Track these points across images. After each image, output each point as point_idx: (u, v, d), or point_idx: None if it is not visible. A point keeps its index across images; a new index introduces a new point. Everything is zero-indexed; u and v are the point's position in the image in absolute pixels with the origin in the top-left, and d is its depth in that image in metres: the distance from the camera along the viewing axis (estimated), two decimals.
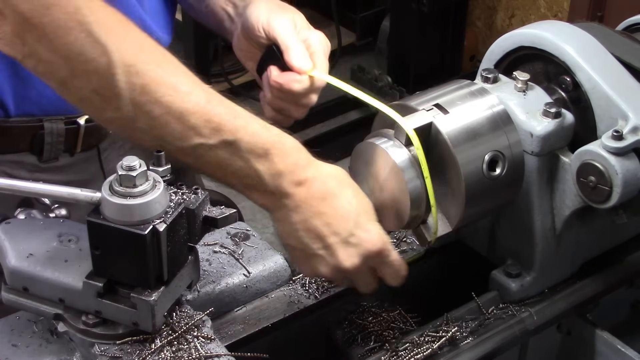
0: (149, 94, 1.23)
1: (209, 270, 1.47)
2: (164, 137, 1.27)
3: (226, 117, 1.27)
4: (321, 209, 1.31)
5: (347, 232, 1.32)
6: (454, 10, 4.59)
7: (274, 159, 1.28)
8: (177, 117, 1.25)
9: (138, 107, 1.24)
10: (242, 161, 1.28)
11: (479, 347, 1.46)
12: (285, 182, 1.29)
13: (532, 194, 1.45)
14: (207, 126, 1.26)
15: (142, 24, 1.66)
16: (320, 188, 1.31)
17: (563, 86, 1.47)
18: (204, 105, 1.26)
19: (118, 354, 1.26)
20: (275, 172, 1.29)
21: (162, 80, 1.24)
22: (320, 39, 1.55)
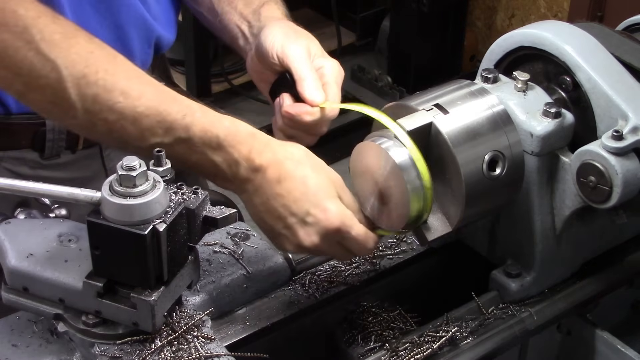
0: (101, 103, 1.32)
1: (209, 270, 1.47)
2: (122, 139, 1.35)
3: (178, 116, 1.34)
4: (278, 191, 1.36)
5: (303, 212, 1.36)
6: (454, 10, 4.60)
7: (228, 150, 1.35)
8: (131, 122, 1.33)
9: (93, 115, 1.33)
10: (198, 154, 1.36)
11: (479, 347, 1.46)
12: (242, 170, 1.36)
13: (532, 194, 1.45)
14: (160, 127, 1.33)
15: (145, 23, 1.67)
16: (275, 171, 1.36)
17: (563, 86, 1.47)
18: (155, 107, 1.34)
19: (118, 354, 1.26)
20: (231, 161, 1.36)
21: (112, 87, 1.32)
22: (334, 67, 1.55)
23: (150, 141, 1.34)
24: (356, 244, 1.39)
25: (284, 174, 1.37)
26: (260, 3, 1.66)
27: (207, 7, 1.74)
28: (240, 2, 1.68)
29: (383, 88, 4.73)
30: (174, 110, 1.34)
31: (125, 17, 1.63)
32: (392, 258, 1.60)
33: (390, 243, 1.62)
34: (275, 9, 1.65)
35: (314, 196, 1.37)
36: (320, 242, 1.38)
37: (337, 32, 4.83)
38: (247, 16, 1.66)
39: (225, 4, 1.70)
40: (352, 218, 1.38)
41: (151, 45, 1.71)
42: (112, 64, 1.34)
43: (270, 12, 1.64)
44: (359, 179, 1.41)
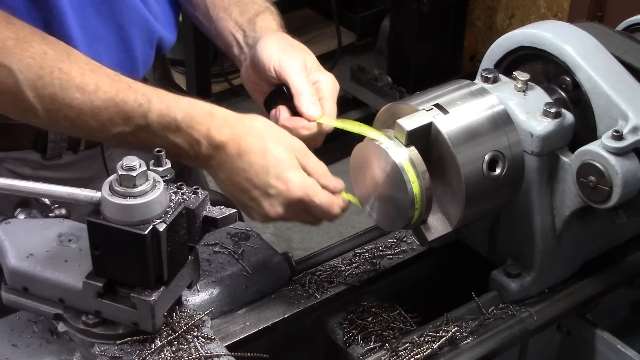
0: (59, 102, 1.38)
1: (209, 270, 1.47)
2: (86, 132, 1.44)
3: (135, 105, 1.39)
4: (239, 165, 1.41)
5: (265, 184, 1.41)
6: (454, 10, 4.60)
7: (187, 131, 1.40)
8: (90, 116, 1.39)
9: (53, 114, 1.38)
10: (160, 138, 1.41)
11: (479, 347, 1.46)
12: (203, 148, 1.41)
13: (532, 194, 1.45)
14: (119, 117, 1.39)
15: (146, 24, 1.67)
16: (235, 147, 1.41)
17: (563, 86, 1.47)
18: (112, 99, 1.39)
19: (118, 354, 1.26)
20: (192, 142, 1.41)
21: (68, 85, 1.37)
22: (330, 82, 1.56)
23: (112, 132, 1.40)
24: (321, 211, 1.43)
25: (243, 148, 1.40)
26: (256, 12, 1.67)
27: (202, 12, 1.75)
28: (236, 9, 1.69)
29: (383, 88, 4.73)
30: (131, 99, 1.39)
31: (127, 18, 1.63)
32: (392, 258, 1.60)
33: (390, 243, 1.62)
34: (270, 20, 1.66)
35: (274, 168, 1.40)
36: (285, 212, 1.42)
37: (337, 32, 4.83)
38: (242, 25, 1.66)
39: (220, 10, 1.71)
40: (314, 187, 1.41)
41: (153, 46, 1.71)
42: (66, 63, 1.38)
43: (266, 22, 1.65)
44: (359, 179, 1.42)
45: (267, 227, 4.05)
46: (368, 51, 5.12)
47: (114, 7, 1.61)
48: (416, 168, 1.33)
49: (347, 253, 1.60)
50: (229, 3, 1.70)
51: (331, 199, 1.43)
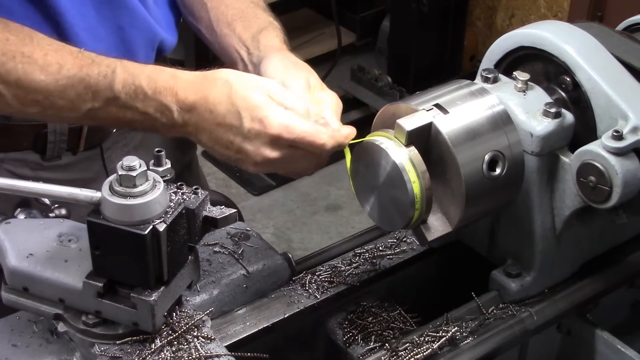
0: (25, 87, 1.39)
1: (209, 270, 1.47)
2: (57, 113, 1.42)
3: (100, 77, 1.39)
4: (213, 120, 1.39)
5: (241, 129, 1.38)
6: (454, 10, 4.60)
7: (155, 97, 1.39)
8: (58, 96, 1.39)
9: (22, 99, 1.39)
10: (130, 110, 1.40)
11: (479, 347, 1.46)
12: (175, 114, 1.39)
13: (532, 194, 1.45)
14: (86, 92, 1.39)
15: (147, 26, 1.67)
16: (204, 104, 1.39)
17: (563, 86, 1.47)
18: (76, 75, 1.39)
19: (118, 354, 1.26)
20: (162, 108, 1.39)
21: (31, 69, 1.38)
22: (334, 100, 1.52)
23: (82, 109, 1.40)
24: (307, 144, 1.38)
25: (212, 102, 1.39)
26: (259, 28, 1.65)
27: (205, 25, 1.74)
28: (239, 25, 1.68)
29: (383, 88, 4.73)
30: (95, 72, 1.39)
31: (127, 20, 1.63)
32: (392, 258, 1.60)
33: (390, 243, 1.62)
34: (273, 37, 1.64)
35: (245, 111, 1.38)
36: (271, 154, 1.39)
37: (337, 32, 4.82)
38: (245, 41, 1.65)
39: (224, 25, 1.70)
40: (292, 117, 1.39)
41: (154, 48, 1.71)
42: (28, 46, 1.39)
43: (269, 40, 1.63)
44: (359, 179, 1.41)
45: (267, 227, 4.05)
46: (368, 51, 5.12)
47: (114, 8, 1.61)
48: (416, 168, 1.33)
49: (347, 253, 1.60)
50: (232, 18, 1.69)
51: (315, 127, 1.39)
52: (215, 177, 4.27)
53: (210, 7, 1.72)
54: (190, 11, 1.77)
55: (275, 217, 4.13)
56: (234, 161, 1.44)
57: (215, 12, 1.72)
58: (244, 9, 1.70)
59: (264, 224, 4.07)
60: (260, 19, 1.69)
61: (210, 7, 1.72)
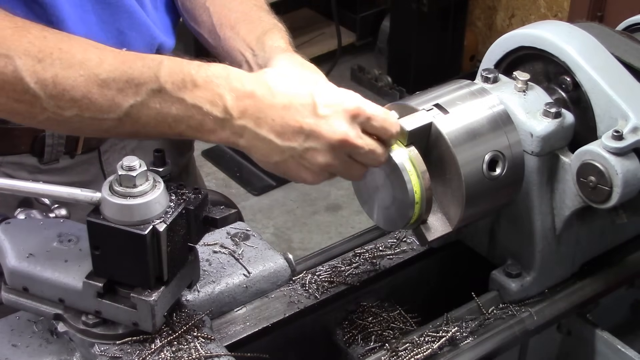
0: (63, 83, 1.27)
1: (209, 270, 1.47)
2: (96, 116, 1.29)
3: (144, 69, 1.28)
4: (279, 106, 1.27)
5: (316, 109, 1.28)
6: (454, 10, 4.60)
7: (207, 86, 1.27)
8: (98, 93, 1.27)
9: (58, 100, 1.28)
10: (177, 103, 1.28)
11: (479, 347, 1.46)
12: (229, 102, 1.27)
13: (532, 194, 1.45)
14: (128, 86, 1.27)
15: (146, 29, 1.66)
16: (266, 90, 1.28)
17: (563, 86, 1.47)
18: (118, 68, 1.28)
19: (118, 354, 1.26)
20: (214, 97, 1.27)
21: (69, 63, 1.27)
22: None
23: (123, 106, 1.28)
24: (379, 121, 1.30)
25: (275, 87, 1.28)
26: (264, 30, 1.62)
27: (208, 29, 1.72)
28: (243, 27, 1.65)
29: (383, 88, 4.73)
30: (138, 65, 1.29)
31: (127, 23, 1.62)
32: (392, 258, 1.60)
33: (390, 243, 1.62)
34: (278, 38, 1.60)
35: (316, 88, 1.29)
36: (349, 127, 1.27)
37: (337, 32, 4.83)
38: (250, 43, 1.62)
39: (227, 28, 1.67)
40: (364, 99, 1.31)
41: (153, 51, 1.70)
42: (66, 43, 1.30)
43: (275, 41, 1.59)
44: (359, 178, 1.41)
45: (267, 227, 4.05)
46: (368, 51, 5.12)
47: (114, 12, 1.61)
48: (416, 168, 1.33)
49: (347, 253, 1.60)
50: (235, 21, 1.67)
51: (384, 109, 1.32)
52: (215, 177, 4.27)
53: (213, 11, 1.70)
54: (191, 16, 1.76)
55: (275, 217, 4.13)
56: (300, 155, 1.29)
57: (218, 16, 1.70)
58: (248, 12, 1.68)
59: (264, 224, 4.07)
60: (265, 21, 1.67)
61: (213, 11, 1.70)
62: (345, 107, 1.28)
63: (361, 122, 1.29)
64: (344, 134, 1.27)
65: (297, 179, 1.34)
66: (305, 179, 1.33)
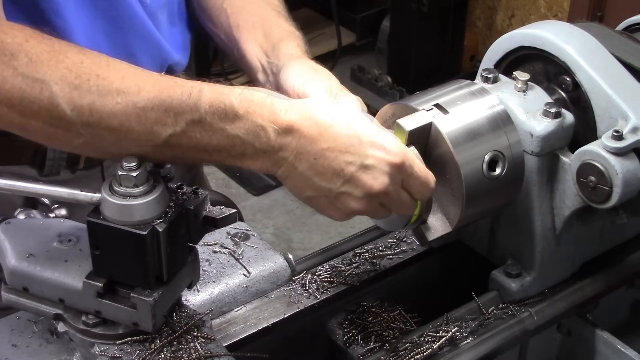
0: (100, 111, 1.23)
1: (209, 270, 1.47)
2: (134, 143, 1.26)
3: (184, 97, 1.24)
4: (322, 145, 1.25)
5: (361, 156, 1.26)
6: (454, 10, 4.60)
7: (248, 117, 1.24)
8: (136, 122, 1.24)
9: (95, 127, 1.24)
10: (217, 134, 1.25)
11: (479, 347, 1.46)
12: (271, 135, 1.25)
13: (532, 194, 1.45)
14: (168, 115, 1.24)
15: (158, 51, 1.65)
16: (311, 126, 1.25)
17: (563, 86, 1.47)
18: (157, 97, 1.24)
19: (118, 354, 1.26)
20: (255, 129, 1.24)
21: (107, 91, 1.23)
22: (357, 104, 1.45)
23: (162, 135, 1.24)
24: (419, 181, 1.30)
25: (321, 124, 1.25)
26: (280, 37, 1.61)
27: (225, 31, 1.70)
28: (260, 32, 1.64)
29: (383, 88, 4.73)
30: (177, 93, 1.24)
31: (138, 44, 1.60)
32: (392, 258, 1.60)
33: (390, 243, 1.62)
34: (294, 46, 1.59)
35: (364, 137, 1.26)
36: (389, 182, 1.26)
37: (337, 32, 4.83)
38: (266, 49, 1.61)
39: (244, 31, 1.66)
40: (410, 152, 1.30)
41: (164, 71, 1.69)
42: (103, 69, 1.26)
43: (289, 49, 1.59)
44: None
45: (267, 227, 4.05)
46: (368, 51, 5.12)
47: (126, 35, 1.58)
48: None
49: (347, 253, 1.60)
50: (253, 26, 1.65)
51: (426, 169, 1.31)
52: (215, 177, 4.27)
53: (231, 12, 1.69)
54: (208, 16, 1.74)
55: (275, 217, 4.13)
56: (333, 197, 1.29)
57: (235, 17, 1.68)
58: (266, 17, 1.67)
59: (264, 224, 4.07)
60: (282, 27, 1.65)
61: (231, 12, 1.69)
62: (391, 161, 1.26)
63: (402, 179, 1.29)
64: (384, 187, 1.27)
65: (324, 214, 1.33)
66: (332, 217, 1.33)
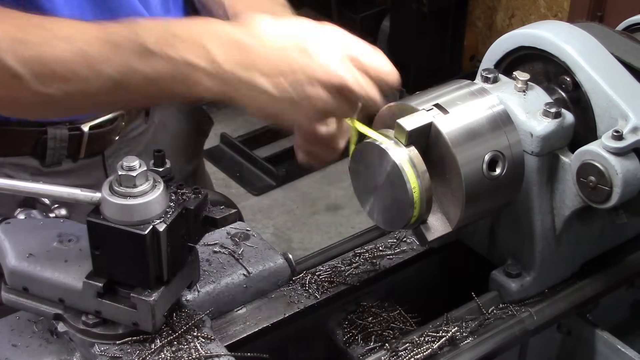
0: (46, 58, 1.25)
1: (209, 270, 1.47)
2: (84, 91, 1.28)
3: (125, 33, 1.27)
4: (267, 50, 1.25)
5: (317, 29, 1.29)
6: (454, 10, 4.60)
7: (190, 39, 1.26)
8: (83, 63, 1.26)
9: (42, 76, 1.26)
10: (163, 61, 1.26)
11: (479, 347, 1.46)
12: (215, 51, 1.24)
13: (532, 194, 1.45)
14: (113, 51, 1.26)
15: None
16: (252, 36, 1.26)
17: (563, 86, 1.47)
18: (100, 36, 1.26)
19: (118, 354, 1.27)
20: (199, 50, 1.25)
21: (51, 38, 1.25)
22: None
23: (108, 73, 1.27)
24: (377, 63, 1.33)
25: (260, 30, 1.28)
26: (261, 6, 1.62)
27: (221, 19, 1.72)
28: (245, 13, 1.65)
29: None
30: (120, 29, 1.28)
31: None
32: (392, 258, 1.60)
33: (390, 243, 1.62)
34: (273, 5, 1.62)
35: (309, 24, 1.31)
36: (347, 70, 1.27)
37: None
38: None
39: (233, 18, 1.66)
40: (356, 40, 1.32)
41: None
42: (48, 21, 1.28)
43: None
44: (359, 179, 1.41)
45: (267, 227, 4.05)
46: None
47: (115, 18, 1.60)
48: (416, 168, 1.33)
49: (347, 253, 1.60)
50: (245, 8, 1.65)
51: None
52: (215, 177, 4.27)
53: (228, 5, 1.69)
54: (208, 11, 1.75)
55: (275, 217, 4.13)
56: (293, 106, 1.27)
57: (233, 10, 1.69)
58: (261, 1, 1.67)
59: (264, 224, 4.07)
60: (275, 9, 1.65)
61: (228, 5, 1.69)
62: (342, 52, 1.27)
63: (355, 65, 1.28)
64: (342, 77, 1.26)
65: (290, 122, 1.33)
66: (303, 123, 1.33)
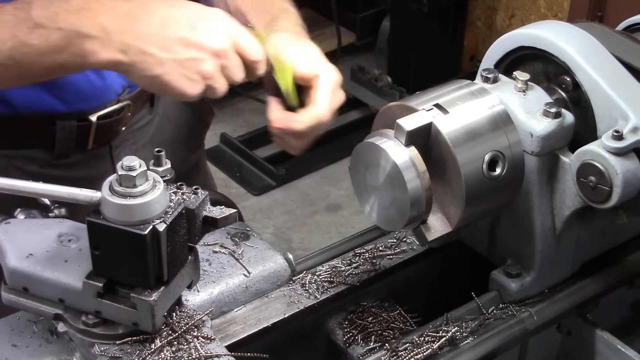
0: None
1: (209, 270, 1.47)
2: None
3: (15, 12, 1.34)
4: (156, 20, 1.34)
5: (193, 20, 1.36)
6: (454, 10, 4.60)
7: (81, 13, 1.33)
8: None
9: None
10: (55, 34, 1.33)
11: (479, 347, 1.46)
12: (106, 22, 1.33)
13: (532, 194, 1.45)
14: (4, 29, 1.33)
15: None
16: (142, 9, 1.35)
17: (563, 86, 1.47)
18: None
19: (118, 354, 1.27)
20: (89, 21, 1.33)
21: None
22: (328, 75, 1.53)
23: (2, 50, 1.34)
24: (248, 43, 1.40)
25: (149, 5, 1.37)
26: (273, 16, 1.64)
27: None
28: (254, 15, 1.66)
29: (383, 88, 4.73)
30: (9, 9, 1.35)
31: None
32: (392, 258, 1.60)
33: (390, 243, 1.62)
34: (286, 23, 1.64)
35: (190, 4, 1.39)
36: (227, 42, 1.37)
37: (337, 32, 4.83)
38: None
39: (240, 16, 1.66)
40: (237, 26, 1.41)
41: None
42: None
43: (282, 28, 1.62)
44: (359, 179, 1.41)
45: (267, 227, 4.05)
46: (368, 51, 5.12)
47: None
48: (416, 168, 1.33)
49: (347, 253, 1.60)
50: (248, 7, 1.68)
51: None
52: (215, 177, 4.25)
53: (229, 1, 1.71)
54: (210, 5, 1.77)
55: (275, 217, 4.13)
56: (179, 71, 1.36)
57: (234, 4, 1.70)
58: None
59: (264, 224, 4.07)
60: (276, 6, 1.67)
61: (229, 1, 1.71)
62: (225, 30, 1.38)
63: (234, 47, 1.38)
64: (223, 44, 1.36)
65: (176, 91, 1.38)
66: (186, 90, 1.38)
